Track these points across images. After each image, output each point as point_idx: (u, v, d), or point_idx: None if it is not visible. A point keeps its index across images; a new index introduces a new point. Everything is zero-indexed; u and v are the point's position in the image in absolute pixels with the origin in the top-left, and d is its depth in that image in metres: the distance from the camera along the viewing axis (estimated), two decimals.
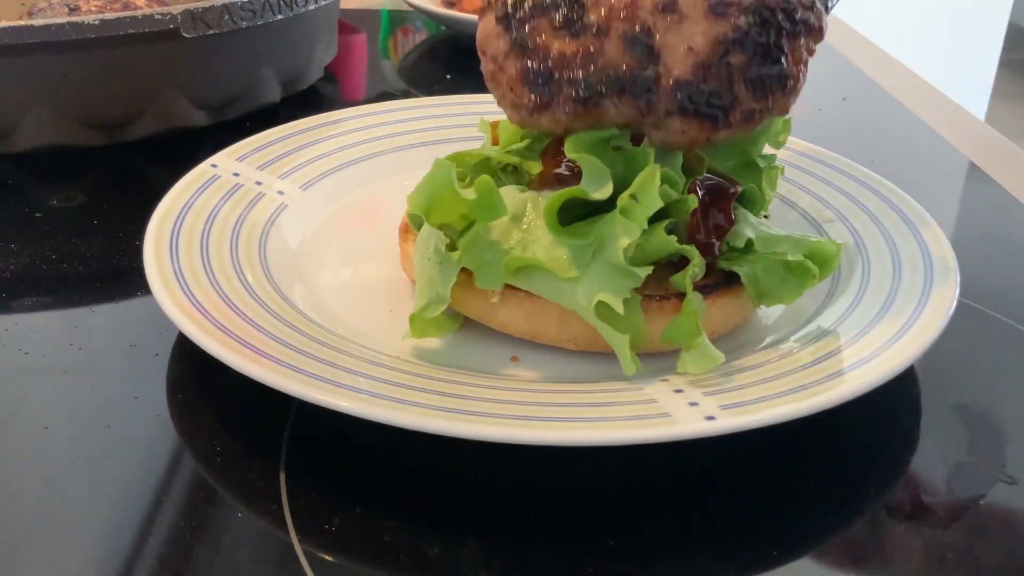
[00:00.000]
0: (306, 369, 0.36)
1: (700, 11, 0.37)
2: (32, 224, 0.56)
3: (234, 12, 0.64)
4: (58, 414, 0.39)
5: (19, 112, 0.61)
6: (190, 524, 0.34)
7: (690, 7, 0.37)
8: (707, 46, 0.37)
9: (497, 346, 0.42)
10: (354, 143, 0.59)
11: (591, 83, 0.37)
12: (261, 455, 0.37)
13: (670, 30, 0.37)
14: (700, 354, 0.37)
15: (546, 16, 0.38)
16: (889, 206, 0.51)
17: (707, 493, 0.37)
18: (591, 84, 0.37)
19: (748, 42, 0.37)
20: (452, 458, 0.37)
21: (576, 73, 0.37)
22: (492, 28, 0.39)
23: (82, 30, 0.58)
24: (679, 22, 0.37)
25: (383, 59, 0.98)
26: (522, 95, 0.38)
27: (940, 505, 0.37)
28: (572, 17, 0.38)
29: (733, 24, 0.37)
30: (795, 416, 0.34)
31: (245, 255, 0.46)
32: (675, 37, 0.37)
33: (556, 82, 0.37)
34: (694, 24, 0.37)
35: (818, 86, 0.88)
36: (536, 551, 0.33)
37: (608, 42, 0.37)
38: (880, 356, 0.38)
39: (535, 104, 0.38)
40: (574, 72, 0.37)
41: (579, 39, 0.37)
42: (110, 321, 0.47)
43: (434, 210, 0.39)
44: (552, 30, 0.38)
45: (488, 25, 0.39)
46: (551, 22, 0.38)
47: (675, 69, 0.37)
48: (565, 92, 0.37)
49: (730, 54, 0.37)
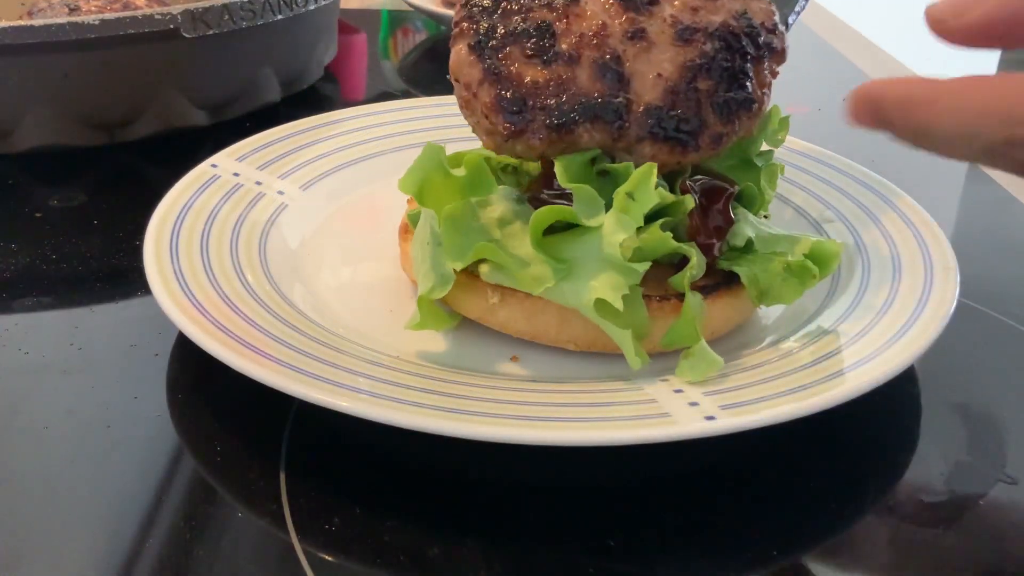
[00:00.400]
0: (306, 369, 0.36)
1: (667, 38, 0.39)
2: (32, 224, 0.56)
3: (234, 12, 0.64)
4: (58, 414, 0.39)
5: (19, 112, 0.61)
6: (190, 524, 0.34)
7: (658, 34, 0.39)
8: (675, 72, 0.39)
9: (497, 346, 0.42)
10: (354, 143, 0.59)
11: (564, 111, 0.38)
12: (261, 455, 0.37)
13: (639, 57, 0.39)
14: (698, 360, 0.37)
15: (517, 44, 0.39)
16: (889, 206, 0.51)
17: (707, 493, 0.37)
18: (564, 112, 0.38)
19: (715, 67, 0.39)
20: (452, 458, 0.37)
21: (549, 101, 0.38)
22: (464, 56, 0.40)
23: (82, 30, 0.58)
24: (647, 49, 0.39)
25: (383, 59, 0.98)
26: (497, 123, 0.39)
27: (940, 505, 0.37)
28: (543, 45, 0.39)
29: (700, 50, 0.39)
30: (795, 416, 0.34)
31: (245, 255, 0.46)
32: (644, 64, 0.38)
33: (530, 109, 0.38)
34: (662, 51, 0.39)
35: (818, 86, 0.89)
36: (536, 551, 0.33)
37: (580, 69, 0.38)
38: (880, 356, 0.38)
39: (510, 132, 0.38)
40: (547, 100, 0.38)
41: (551, 67, 0.39)
42: (110, 321, 0.47)
43: (426, 191, 0.39)
44: (524, 58, 0.39)
45: (460, 53, 0.40)
46: (523, 50, 0.39)
47: (645, 95, 0.38)
48: (539, 120, 0.38)
49: (697, 79, 0.39)
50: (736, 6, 0.41)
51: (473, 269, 0.40)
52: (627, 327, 0.37)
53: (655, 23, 0.39)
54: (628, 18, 0.39)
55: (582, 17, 0.40)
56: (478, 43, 0.39)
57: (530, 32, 0.39)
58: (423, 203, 0.39)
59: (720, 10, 0.40)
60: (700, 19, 0.40)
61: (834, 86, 0.89)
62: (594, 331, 0.39)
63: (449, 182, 0.38)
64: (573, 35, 0.39)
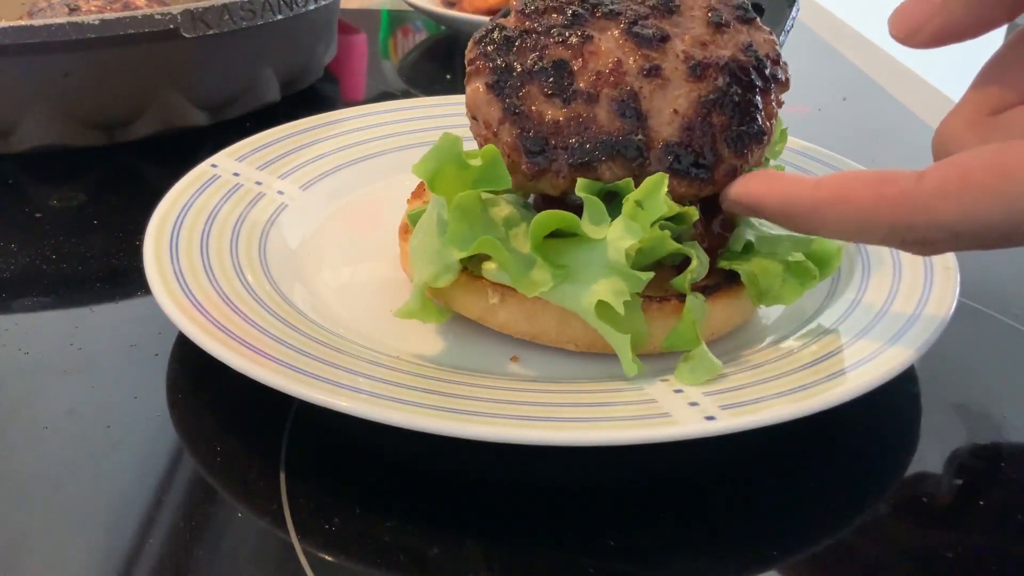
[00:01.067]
0: (306, 369, 0.36)
1: (681, 74, 0.39)
2: (32, 224, 0.56)
3: (234, 12, 0.64)
4: (58, 414, 0.39)
5: (19, 112, 0.61)
6: (190, 524, 0.34)
7: (672, 71, 0.39)
8: (690, 108, 0.39)
9: (497, 346, 0.42)
10: (354, 143, 0.59)
11: (586, 150, 0.38)
12: (261, 455, 0.37)
13: (655, 94, 0.39)
14: (698, 364, 0.37)
15: (536, 83, 0.39)
16: None
17: (707, 493, 0.37)
18: (586, 151, 0.38)
19: (727, 102, 0.39)
20: (452, 458, 0.37)
21: (571, 140, 0.38)
22: (482, 94, 0.40)
23: (82, 30, 0.58)
24: (663, 86, 0.39)
25: (383, 59, 0.98)
26: (520, 162, 0.39)
27: (940, 505, 0.37)
28: (562, 84, 0.39)
29: (713, 85, 0.39)
30: (795, 416, 0.34)
31: (245, 255, 0.46)
32: (660, 101, 0.39)
33: (552, 149, 0.39)
34: (677, 87, 0.39)
35: (818, 86, 0.89)
36: (536, 551, 0.33)
37: (599, 108, 0.39)
38: (880, 356, 0.38)
39: (533, 171, 0.39)
40: (568, 139, 0.39)
41: (571, 105, 0.39)
42: (110, 321, 0.47)
43: (438, 178, 0.38)
44: (544, 97, 0.39)
45: (478, 91, 0.40)
46: (541, 89, 0.39)
47: (662, 132, 0.39)
48: (561, 159, 0.38)
49: (712, 114, 0.39)
50: (742, 38, 0.41)
51: (474, 269, 0.40)
52: (626, 333, 0.37)
53: (668, 59, 0.40)
54: (642, 54, 0.40)
55: (597, 54, 0.40)
56: (496, 82, 0.40)
57: (548, 71, 0.39)
58: (434, 189, 0.38)
59: (728, 43, 0.41)
60: (710, 54, 0.40)
61: (834, 86, 0.89)
62: (595, 332, 0.39)
63: (464, 173, 0.38)
64: (590, 73, 0.39)
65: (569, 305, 0.38)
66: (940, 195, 0.31)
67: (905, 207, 0.32)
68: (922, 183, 0.32)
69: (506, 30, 0.41)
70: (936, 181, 0.31)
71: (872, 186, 0.33)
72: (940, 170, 0.32)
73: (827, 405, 0.35)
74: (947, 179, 0.31)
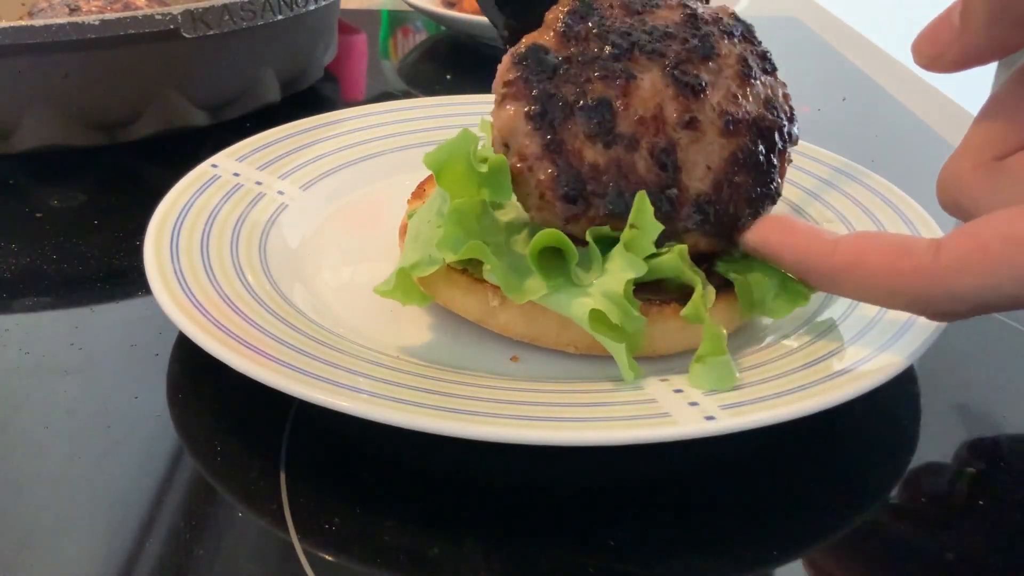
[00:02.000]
0: (306, 369, 0.36)
1: (716, 129, 0.39)
2: (32, 224, 0.56)
3: (234, 12, 0.64)
4: (58, 414, 0.39)
5: (19, 112, 0.61)
6: (190, 524, 0.34)
7: (708, 124, 0.39)
8: (722, 165, 0.39)
9: (497, 346, 0.42)
10: (354, 143, 0.59)
11: (623, 199, 0.38)
12: (261, 455, 0.37)
13: (691, 147, 0.39)
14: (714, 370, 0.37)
15: (578, 121, 0.38)
16: (889, 206, 0.51)
17: (707, 493, 0.37)
18: (623, 200, 0.38)
19: (753, 162, 0.40)
20: (452, 458, 0.37)
21: (608, 187, 0.38)
22: (522, 124, 0.38)
23: (82, 30, 0.58)
24: (698, 140, 0.39)
25: (383, 59, 0.98)
26: (554, 205, 0.38)
27: (940, 505, 0.37)
28: (605, 126, 0.38)
29: (741, 143, 0.40)
30: (795, 416, 0.34)
31: (245, 255, 0.46)
32: (696, 154, 0.39)
33: (587, 195, 0.38)
34: (711, 141, 0.39)
35: (818, 86, 0.89)
36: (536, 551, 0.33)
37: (638, 156, 0.38)
38: (880, 356, 0.38)
39: (566, 215, 0.38)
40: (606, 186, 0.38)
41: (610, 151, 0.38)
42: (110, 321, 0.47)
43: (446, 171, 0.38)
44: (585, 138, 0.38)
45: (516, 119, 0.38)
46: (584, 129, 0.38)
47: (694, 186, 0.39)
48: (595, 206, 0.38)
49: (739, 174, 0.39)
50: (767, 92, 0.41)
51: (475, 271, 0.40)
52: (622, 340, 0.37)
53: (705, 112, 0.39)
54: (681, 103, 0.39)
55: (640, 97, 0.39)
56: (538, 112, 0.38)
57: (592, 109, 0.38)
58: (440, 182, 0.38)
59: (756, 97, 0.41)
60: (741, 108, 0.40)
61: (834, 86, 0.89)
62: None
63: (470, 173, 0.38)
64: (632, 116, 0.38)
65: (563, 311, 0.38)
66: (958, 270, 0.31)
67: (923, 282, 0.32)
68: (939, 258, 0.31)
69: (548, 54, 0.39)
70: (954, 255, 0.31)
71: (889, 258, 0.33)
72: (957, 242, 0.31)
73: (827, 405, 0.35)
74: (965, 252, 0.31)
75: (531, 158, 0.38)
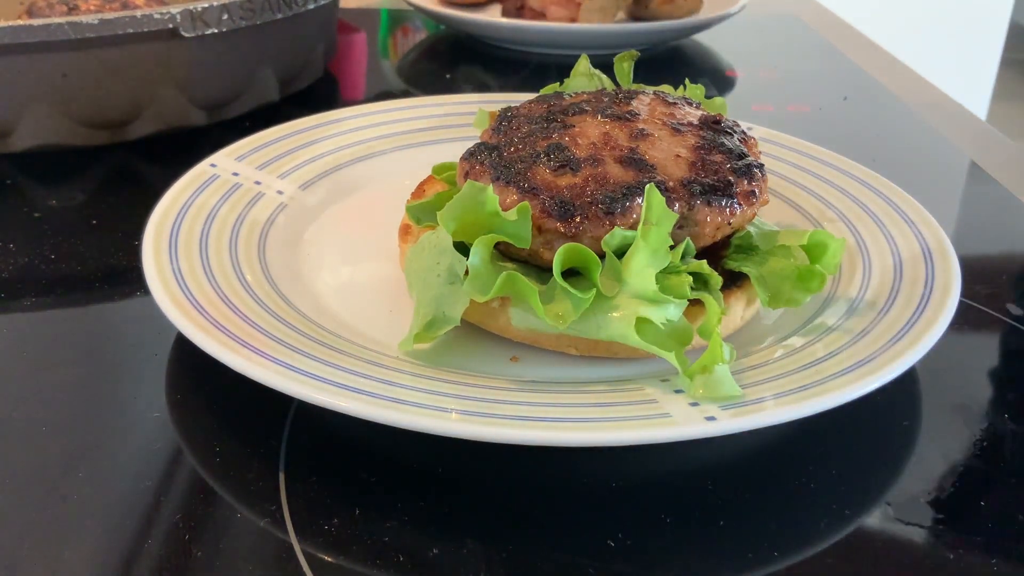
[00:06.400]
0: (306, 369, 0.36)
1: (666, 132, 0.43)
2: (32, 224, 0.56)
3: (233, 11, 0.64)
4: (58, 414, 0.39)
5: (18, 112, 0.61)
6: (190, 524, 0.34)
7: (657, 131, 0.43)
8: (690, 152, 0.42)
9: (497, 346, 0.42)
10: (353, 143, 0.59)
11: (611, 196, 0.39)
12: (260, 455, 0.37)
13: (652, 148, 0.42)
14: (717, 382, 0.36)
15: (539, 164, 0.40)
16: (890, 205, 0.51)
17: (707, 493, 0.37)
18: (611, 197, 0.39)
19: (719, 144, 0.43)
20: (452, 458, 0.37)
21: (594, 195, 0.39)
22: (493, 186, 0.40)
23: (81, 30, 0.58)
24: (655, 143, 0.42)
25: (383, 58, 0.98)
26: (553, 225, 0.39)
27: (940, 505, 0.37)
28: (565, 156, 0.41)
29: (697, 135, 0.43)
30: (795, 416, 0.34)
31: (244, 255, 0.46)
32: (659, 152, 0.42)
33: (581, 207, 0.39)
34: (667, 140, 0.42)
35: (818, 86, 0.89)
36: (536, 551, 0.33)
37: (607, 167, 0.40)
38: (880, 356, 0.38)
39: (570, 229, 0.38)
40: (592, 195, 0.39)
41: (581, 171, 0.40)
42: (110, 321, 0.47)
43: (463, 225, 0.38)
44: (553, 172, 0.40)
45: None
46: (549, 167, 0.40)
47: (675, 173, 0.40)
48: (593, 210, 0.38)
49: (712, 154, 0.42)
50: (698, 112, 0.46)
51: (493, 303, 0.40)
52: (670, 349, 0.36)
53: (648, 125, 0.43)
54: (624, 126, 0.43)
55: (584, 133, 0.42)
56: (504, 175, 0.40)
57: (547, 152, 0.41)
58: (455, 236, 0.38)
59: (689, 114, 0.45)
60: (680, 117, 0.44)
61: (834, 86, 0.89)
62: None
63: (493, 222, 0.38)
64: (584, 145, 0.42)
65: (600, 336, 0.37)
66: None
67: None
68: None
69: (489, 144, 0.42)
70: None
71: None
72: None
73: (827, 406, 0.35)
74: None
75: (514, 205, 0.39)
